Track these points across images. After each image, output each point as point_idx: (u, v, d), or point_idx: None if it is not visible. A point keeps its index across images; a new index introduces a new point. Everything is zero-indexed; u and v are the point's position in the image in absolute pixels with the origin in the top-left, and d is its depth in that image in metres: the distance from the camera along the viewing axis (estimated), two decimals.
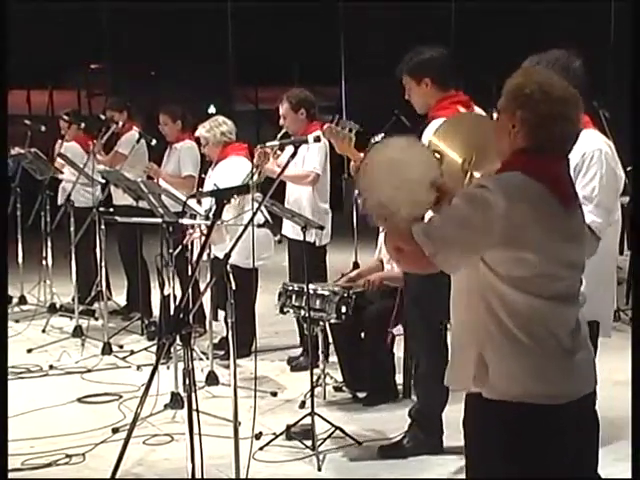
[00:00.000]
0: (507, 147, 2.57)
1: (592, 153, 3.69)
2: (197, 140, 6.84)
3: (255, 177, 5.53)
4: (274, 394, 5.69)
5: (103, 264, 7.26)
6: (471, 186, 2.52)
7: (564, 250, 2.52)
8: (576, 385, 2.53)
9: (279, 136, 5.81)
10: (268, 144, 5.36)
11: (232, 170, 6.30)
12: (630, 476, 3.20)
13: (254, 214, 3.99)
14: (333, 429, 4.84)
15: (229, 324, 4.20)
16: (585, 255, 2.64)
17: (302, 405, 5.35)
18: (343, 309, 5.30)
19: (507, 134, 2.56)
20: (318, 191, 6.08)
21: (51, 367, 6.36)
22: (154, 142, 7.29)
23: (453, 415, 4.90)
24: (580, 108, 2.57)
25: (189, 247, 6.24)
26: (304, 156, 5.90)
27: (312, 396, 4.79)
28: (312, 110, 6.08)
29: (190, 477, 3.25)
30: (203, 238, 5.70)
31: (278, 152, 5.83)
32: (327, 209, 6.19)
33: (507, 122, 2.56)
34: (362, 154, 4.19)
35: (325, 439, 4.75)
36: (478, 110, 4.49)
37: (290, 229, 6.01)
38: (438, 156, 2.83)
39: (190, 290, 3.79)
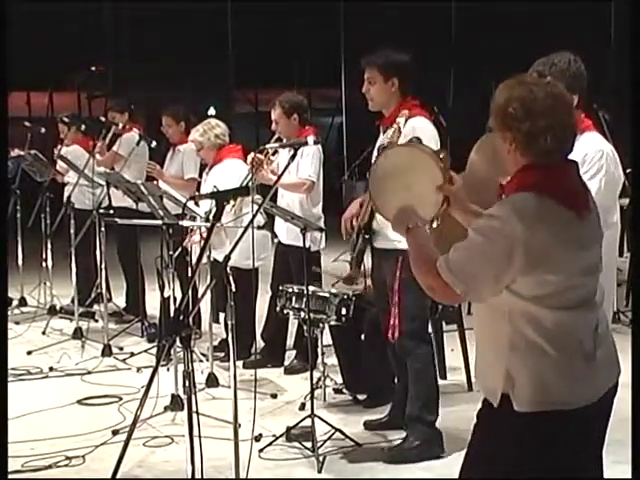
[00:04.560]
0: (512, 163, 2.57)
1: (594, 154, 3.71)
2: None
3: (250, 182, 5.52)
4: (274, 396, 5.70)
5: (103, 266, 7.26)
6: (484, 218, 2.53)
7: (584, 259, 2.54)
8: (599, 384, 2.59)
9: (272, 142, 5.79)
10: (267, 146, 5.36)
11: (228, 173, 6.28)
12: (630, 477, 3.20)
13: (254, 216, 3.99)
14: (333, 431, 4.85)
15: (229, 326, 4.21)
16: (601, 253, 2.64)
17: (302, 407, 5.36)
18: (343, 311, 5.30)
19: (507, 152, 2.56)
20: (311, 197, 5.97)
21: (51, 369, 6.36)
22: (154, 144, 7.28)
23: (448, 418, 4.91)
24: (571, 107, 2.57)
25: (189, 249, 6.24)
26: (298, 163, 5.76)
27: (312, 398, 4.79)
28: (304, 115, 6.01)
29: (190, 479, 3.25)
30: (203, 241, 5.70)
31: (272, 158, 5.81)
32: (320, 214, 6.07)
33: (503, 141, 2.56)
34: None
35: (325, 441, 4.76)
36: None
37: (284, 234, 5.97)
38: (442, 164, 2.92)
39: (190, 292, 3.80)
